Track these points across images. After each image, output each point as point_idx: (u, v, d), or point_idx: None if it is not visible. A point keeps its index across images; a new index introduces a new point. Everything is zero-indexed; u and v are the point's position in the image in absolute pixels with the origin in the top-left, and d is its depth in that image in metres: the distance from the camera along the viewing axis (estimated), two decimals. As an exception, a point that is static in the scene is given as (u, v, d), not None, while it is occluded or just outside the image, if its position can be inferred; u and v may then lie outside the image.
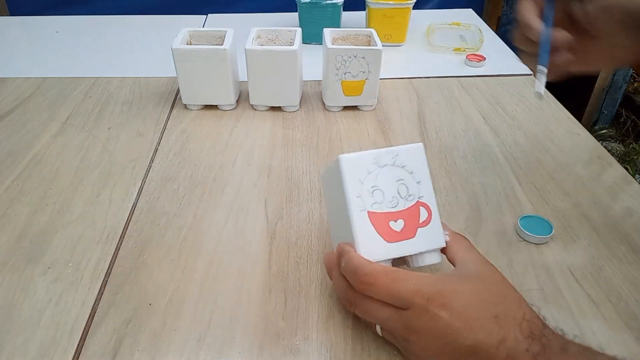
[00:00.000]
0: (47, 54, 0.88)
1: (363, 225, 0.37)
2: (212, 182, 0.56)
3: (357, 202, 0.37)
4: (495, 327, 0.31)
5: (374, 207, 0.37)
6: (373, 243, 0.37)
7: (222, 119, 0.68)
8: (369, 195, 0.37)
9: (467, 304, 0.33)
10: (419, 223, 0.38)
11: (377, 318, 0.36)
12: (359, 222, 0.37)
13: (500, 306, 0.33)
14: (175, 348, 0.39)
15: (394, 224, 0.37)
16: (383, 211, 0.37)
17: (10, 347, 0.39)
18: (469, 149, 0.62)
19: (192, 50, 0.65)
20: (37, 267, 0.46)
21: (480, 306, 0.33)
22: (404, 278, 0.34)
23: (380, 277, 0.34)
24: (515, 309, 0.33)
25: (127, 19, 1.03)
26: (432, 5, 1.38)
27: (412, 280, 0.34)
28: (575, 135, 0.65)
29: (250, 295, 0.43)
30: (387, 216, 0.37)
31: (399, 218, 0.38)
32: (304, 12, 0.89)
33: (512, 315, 0.32)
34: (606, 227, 0.50)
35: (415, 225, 0.38)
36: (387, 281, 0.34)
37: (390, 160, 0.38)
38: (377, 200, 0.37)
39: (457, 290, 0.33)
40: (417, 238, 0.38)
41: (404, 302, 0.33)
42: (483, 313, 0.32)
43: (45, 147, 0.62)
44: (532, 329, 0.31)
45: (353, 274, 0.35)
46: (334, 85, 0.67)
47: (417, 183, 0.39)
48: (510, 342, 0.31)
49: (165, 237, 0.49)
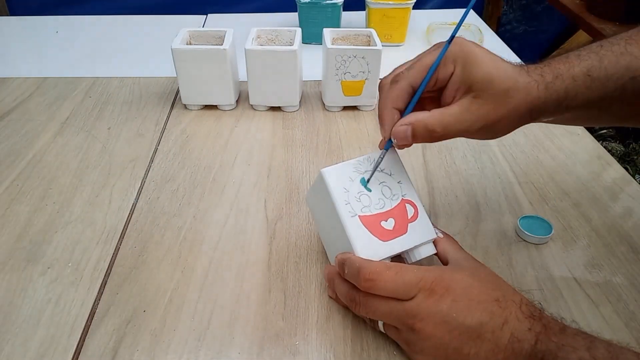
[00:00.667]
0: (47, 54, 0.88)
1: (357, 229, 0.38)
2: (212, 182, 0.56)
3: (347, 209, 0.38)
4: (498, 309, 0.33)
5: (363, 211, 0.39)
6: (370, 244, 0.38)
7: (222, 119, 0.68)
8: (357, 201, 0.39)
9: (468, 288, 0.34)
10: (408, 219, 0.40)
11: (381, 313, 0.36)
12: (352, 227, 0.38)
13: (498, 291, 0.34)
14: (175, 348, 0.39)
15: (386, 224, 0.39)
16: (373, 213, 0.39)
17: (10, 347, 0.39)
18: (469, 149, 0.62)
19: (192, 50, 0.65)
20: (37, 267, 0.45)
21: (481, 290, 0.34)
22: (406, 269, 0.35)
23: (384, 272, 0.35)
24: (512, 293, 0.35)
25: (127, 19, 1.03)
26: (432, 5, 1.38)
27: (414, 270, 0.35)
28: (575, 135, 0.65)
29: (250, 295, 0.43)
30: (378, 217, 0.39)
31: (389, 217, 0.39)
32: (304, 12, 0.89)
33: (511, 299, 0.34)
34: (606, 227, 0.50)
35: (405, 222, 0.40)
36: (391, 274, 0.35)
37: (369, 166, 0.41)
38: (365, 204, 0.39)
39: (458, 276, 0.35)
40: (410, 233, 0.39)
41: (410, 290, 0.34)
42: (484, 296, 0.34)
43: (45, 147, 0.62)
44: (532, 310, 0.33)
45: (357, 275, 0.36)
46: (334, 85, 0.67)
47: (398, 183, 0.41)
48: (512, 322, 0.32)
49: (165, 237, 0.49)
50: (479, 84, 0.36)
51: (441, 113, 0.37)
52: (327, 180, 0.39)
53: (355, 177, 0.40)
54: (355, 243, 0.38)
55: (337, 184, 0.39)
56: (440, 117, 0.37)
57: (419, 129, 0.37)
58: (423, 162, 0.60)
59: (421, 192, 0.55)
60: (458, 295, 0.34)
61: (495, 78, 0.35)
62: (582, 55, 0.37)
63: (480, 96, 0.36)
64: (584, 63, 0.36)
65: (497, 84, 0.35)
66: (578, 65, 0.36)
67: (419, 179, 0.57)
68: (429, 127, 0.37)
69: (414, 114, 0.37)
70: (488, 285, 0.35)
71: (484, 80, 0.35)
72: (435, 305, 0.34)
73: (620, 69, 0.35)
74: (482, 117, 0.36)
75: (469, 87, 0.36)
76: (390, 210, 0.39)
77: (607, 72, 0.36)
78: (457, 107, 0.36)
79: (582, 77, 0.36)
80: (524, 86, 0.36)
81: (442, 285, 0.34)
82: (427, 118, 0.37)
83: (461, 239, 0.48)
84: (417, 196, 0.41)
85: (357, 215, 0.38)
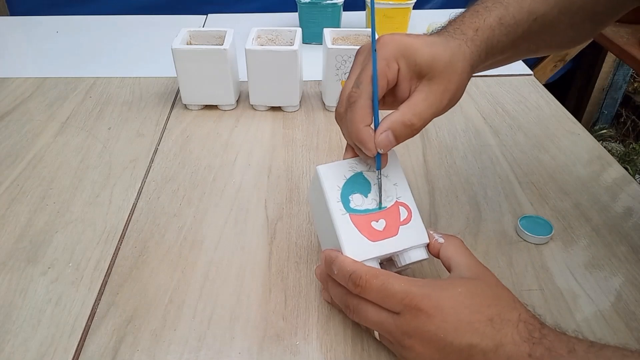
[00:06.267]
0: (47, 54, 0.88)
1: (346, 227, 0.38)
2: (212, 182, 0.56)
3: (338, 207, 0.39)
4: (490, 331, 0.31)
5: (355, 210, 0.39)
6: (358, 243, 0.38)
7: (222, 119, 0.68)
8: (349, 200, 0.39)
9: (458, 307, 0.33)
10: (400, 221, 0.39)
11: (373, 322, 0.36)
12: (342, 225, 0.38)
13: (494, 308, 0.33)
14: (175, 348, 0.39)
15: (376, 224, 0.39)
16: (364, 213, 0.39)
17: (10, 347, 0.39)
18: (469, 149, 0.62)
19: (192, 50, 0.65)
20: (37, 267, 0.46)
21: (472, 309, 0.32)
22: (394, 280, 0.34)
23: (371, 280, 0.35)
24: (509, 310, 0.33)
25: (127, 19, 1.03)
26: (432, 5, 1.38)
27: (402, 283, 0.34)
28: (575, 135, 0.65)
29: (250, 295, 0.43)
30: (369, 217, 0.39)
31: (380, 218, 0.39)
32: (304, 12, 0.89)
33: (507, 318, 0.32)
34: (606, 227, 0.50)
35: (397, 224, 0.39)
36: (377, 284, 0.34)
37: (365, 167, 0.41)
38: (358, 204, 0.39)
39: (447, 294, 0.33)
40: (400, 235, 0.39)
41: (395, 304, 0.34)
42: (476, 316, 0.32)
43: (45, 147, 0.62)
44: (530, 330, 0.31)
45: (347, 278, 0.36)
46: (334, 85, 0.67)
47: (393, 185, 0.41)
48: (509, 346, 0.31)
49: (165, 237, 0.49)
50: (426, 68, 0.37)
51: (410, 106, 0.38)
52: (321, 177, 0.39)
53: (350, 176, 0.40)
54: (343, 241, 0.38)
55: (330, 182, 0.39)
56: (411, 109, 0.38)
57: (398, 128, 0.37)
58: (423, 162, 0.60)
59: (421, 192, 0.55)
60: (447, 314, 0.32)
61: (435, 55, 0.37)
62: (489, 6, 0.41)
63: (434, 76, 0.37)
64: (494, 13, 0.40)
65: (440, 59, 0.37)
66: (489, 16, 0.40)
67: (419, 179, 0.57)
68: (407, 123, 0.37)
69: (385, 118, 0.38)
70: (483, 302, 0.33)
71: (429, 63, 0.37)
72: (423, 324, 0.33)
73: (524, 14, 0.40)
74: (445, 93, 0.38)
75: (419, 74, 0.38)
76: (382, 211, 0.39)
77: (515, 18, 0.40)
78: (421, 94, 0.38)
79: (497, 26, 0.40)
80: (458, 50, 0.38)
81: (430, 305, 0.33)
82: (401, 116, 0.37)
83: (461, 238, 0.48)
84: (412, 200, 0.41)
85: (348, 214, 0.38)
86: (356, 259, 0.37)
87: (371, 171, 0.40)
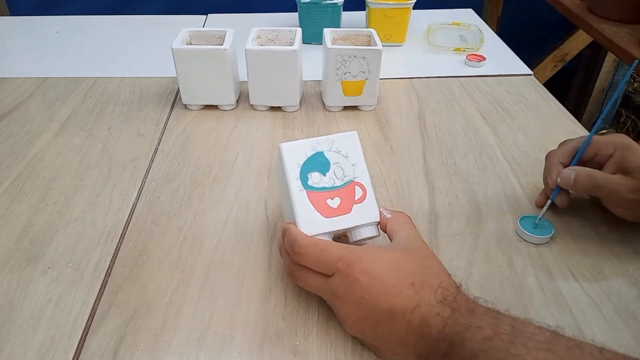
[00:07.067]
0: (47, 54, 0.88)
1: (302, 203, 0.41)
2: (212, 182, 0.56)
3: (296, 184, 0.41)
4: (411, 294, 0.34)
5: (312, 187, 0.41)
6: (312, 219, 0.41)
7: (222, 119, 0.68)
8: (307, 177, 0.41)
9: (386, 271, 0.36)
10: (354, 200, 0.42)
11: (311, 286, 0.39)
12: (298, 200, 0.41)
13: (418, 275, 0.36)
14: (175, 348, 0.39)
15: (331, 202, 0.41)
16: (320, 190, 0.41)
17: (10, 347, 0.39)
18: (469, 149, 0.62)
19: (192, 50, 0.65)
20: (37, 267, 0.46)
21: (399, 274, 0.36)
22: (331, 247, 0.38)
23: (310, 247, 0.38)
24: (432, 278, 0.36)
25: (127, 19, 1.03)
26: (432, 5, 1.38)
27: (338, 249, 0.37)
28: (575, 135, 0.65)
29: (250, 295, 0.43)
30: (325, 194, 0.41)
31: (335, 196, 0.42)
32: (304, 12, 0.89)
33: (428, 283, 0.35)
34: (606, 227, 0.50)
35: (351, 202, 0.42)
36: (315, 251, 0.38)
37: (326, 146, 0.43)
38: (315, 181, 0.42)
39: (378, 259, 0.37)
40: (353, 213, 0.41)
41: (330, 267, 0.37)
42: (401, 280, 0.35)
43: (45, 147, 0.62)
44: (446, 295, 0.34)
45: (291, 247, 0.39)
46: (334, 85, 0.67)
47: (352, 165, 0.43)
48: (424, 307, 0.34)
49: (165, 237, 0.49)
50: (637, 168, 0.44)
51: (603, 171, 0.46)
52: (283, 154, 0.42)
53: (311, 155, 0.42)
54: (298, 216, 0.40)
55: (292, 159, 0.41)
56: (602, 172, 0.46)
57: (582, 175, 0.46)
58: (423, 162, 0.60)
59: (422, 192, 0.55)
60: (374, 278, 0.35)
61: None
62: None
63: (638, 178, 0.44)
64: None
65: None
66: None
67: (419, 179, 0.57)
68: (592, 174, 0.45)
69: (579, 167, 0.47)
70: (409, 269, 0.36)
71: None
72: (350, 286, 0.36)
73: None
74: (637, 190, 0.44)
75: (626, 169, 0.45)
76: (338, 190, 0.42)
77: None
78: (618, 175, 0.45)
79: None
80: None
81: (360, 268, 0.36)
82: (591, 170, 0.46)
83: (461, 239, 0.48)
84: (369, 180, 0.43)
85: (305, 191, 0.41)
86: (309, 233, 0.40)
87: (332, 151, 0.42)
